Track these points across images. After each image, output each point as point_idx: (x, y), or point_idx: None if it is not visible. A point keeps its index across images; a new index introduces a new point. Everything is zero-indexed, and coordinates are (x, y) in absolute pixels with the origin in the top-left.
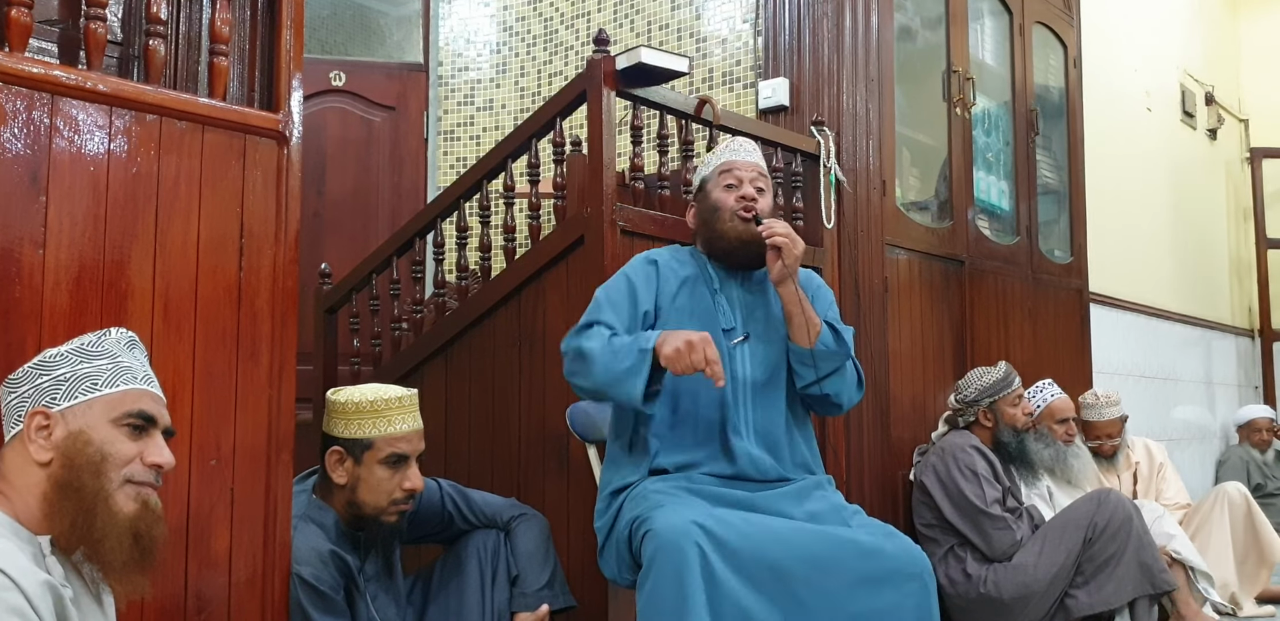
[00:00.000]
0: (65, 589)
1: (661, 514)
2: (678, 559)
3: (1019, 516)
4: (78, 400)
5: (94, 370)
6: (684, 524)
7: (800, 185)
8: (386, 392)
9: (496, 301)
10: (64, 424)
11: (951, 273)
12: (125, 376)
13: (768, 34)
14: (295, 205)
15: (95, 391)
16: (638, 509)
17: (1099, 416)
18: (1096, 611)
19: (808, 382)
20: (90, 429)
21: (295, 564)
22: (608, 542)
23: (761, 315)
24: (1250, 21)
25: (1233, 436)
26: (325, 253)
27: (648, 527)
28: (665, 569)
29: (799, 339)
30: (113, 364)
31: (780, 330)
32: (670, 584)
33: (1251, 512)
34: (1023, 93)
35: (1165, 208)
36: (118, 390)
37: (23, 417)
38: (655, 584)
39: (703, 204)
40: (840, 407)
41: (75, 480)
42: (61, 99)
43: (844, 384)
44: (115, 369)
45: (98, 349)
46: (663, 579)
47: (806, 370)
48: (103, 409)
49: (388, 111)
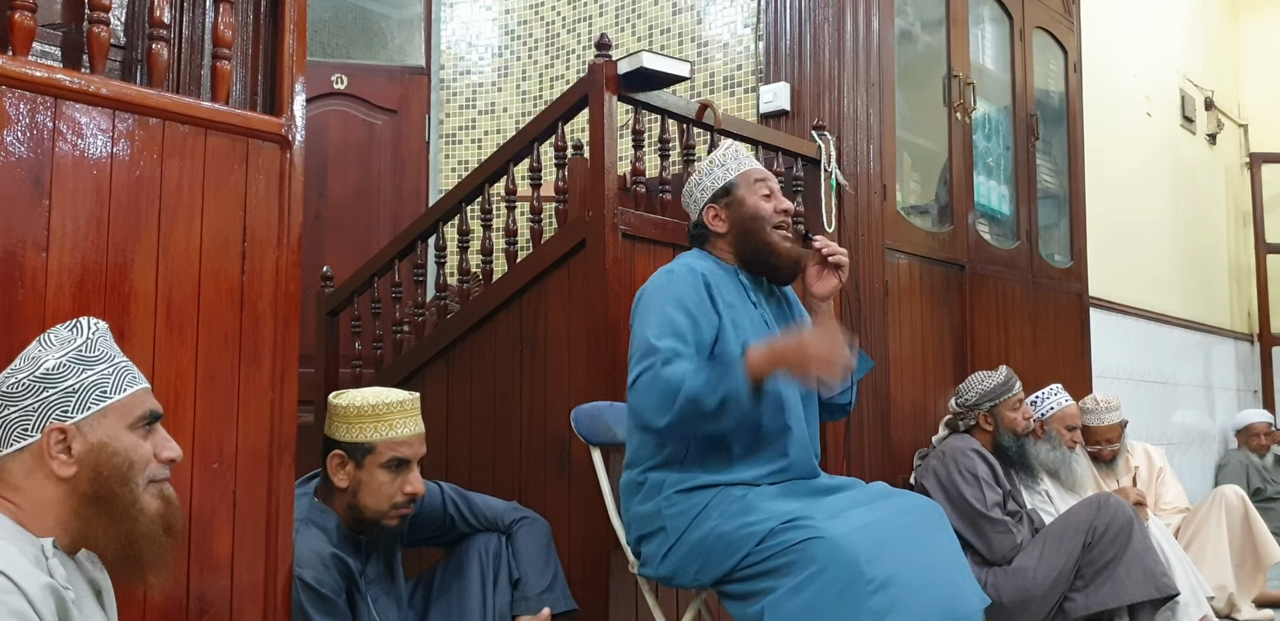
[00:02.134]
0: (68, 591)
1: (822, 523)
2: (852, 566)
3: (1019, 520)
4: (91, 411)
5: (99, 377)
6: (846, 532)
7: (801, 189)
8: (388, 396)
9: (498, 304)
10: (82, 437)
11: (952, 277)
12: (127, 377)
13: (769, 38)
14: (297, 208)
15: (106, 399)
16: (755, 514)
17: (1099, 421)
18: (1093, 612)
19: (834, 393)
20: (112, 439)
21: (297, 566)
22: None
23: (787, 326)
24: (1250, 26)
25: (1232, 441)
26: (327, 256)
27: (810, 535)
28: (838, 574)
29: None
30: (113, 367)
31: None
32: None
33: (1249, 516)
34: (1023, 97)
35: (1165, 212)
36: (126, 394)
37: (29, 431)
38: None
39: (736, 210)
40: (846, 412)
41: (107, 492)
42: (64, 102)
43: (854, 392)
44: (116, 372)
45: (93, 352)
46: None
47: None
48: (117, 416)
49: (389, 114)
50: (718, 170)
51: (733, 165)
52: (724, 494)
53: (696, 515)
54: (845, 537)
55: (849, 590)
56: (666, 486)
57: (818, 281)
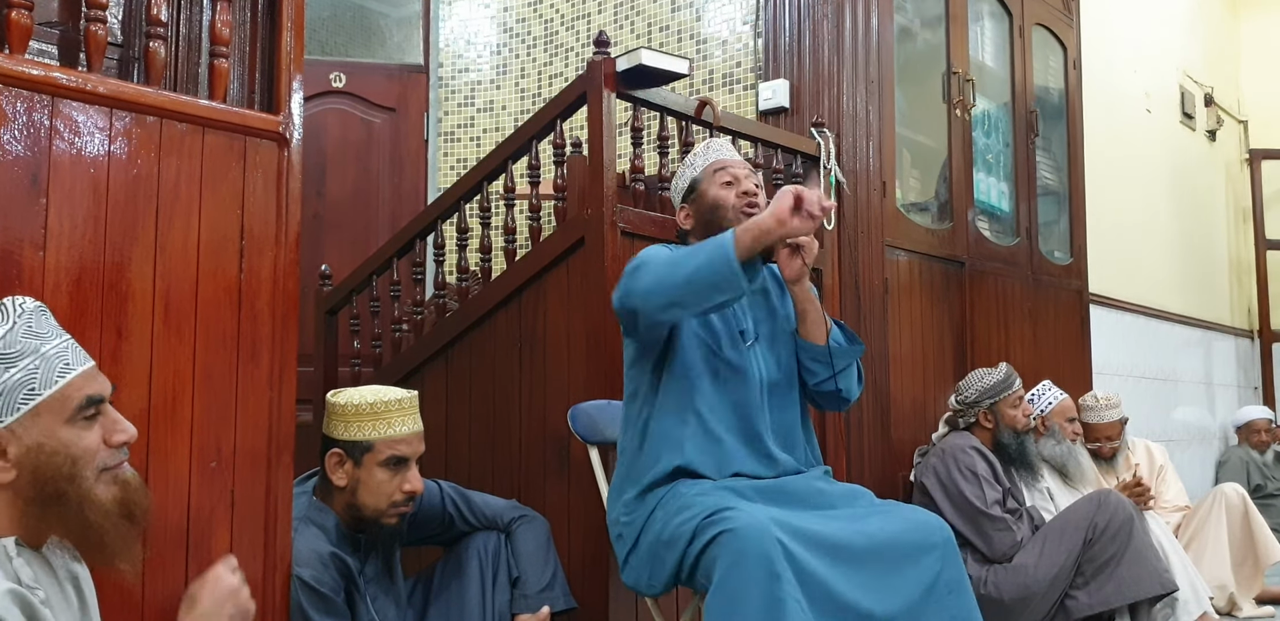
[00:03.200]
0: (36, 591)
1: (735, 514)
2: (766, 558)
3: (1019, 517)
4: (20, 412)
5: (24, 374)
6: (763, 521)
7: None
8: (386, 395)
9: (497, 303)
10: (16, 440)
11: (952, 274)
12: (59, 366)
13: (768, 36)
14: (296, 207)
15: (35, 397)
16: (689, 512)
17: (1099, 418)
18: (1096, 611)
19: (821, 379)
20: (47, 438)
21: (296, 566)
22: (636, 547)
23: (765, 315)
24: (1250, 23)
25: (1232, 437)
26: (326, 254)
27: (723, 528)
28: (751, 569)
29: (815, 336)
30: (39, 359)
31: (785, 329)
32: (759, 584)
33: (1249, 513)
34: (1022, 94)
35: (1165, 209)
36: (58, 387)
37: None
38: (738, 586)
39: (699, 204)
40: (847, 402)
41: (54, 491)
42: (61, 101)
43: (851, 379)
44: (45, 363)
45: (14, 347)
46: (747, 580)
47: (821, 367)
48: (51, 412)
49: (388, 113)
50: (685, 170)
51: (699, 162)
52: (671, 492)
53: (646, 519)
54: (754, 528)
55: (758, 583)
56: (626, 489)
57: (787, 265)
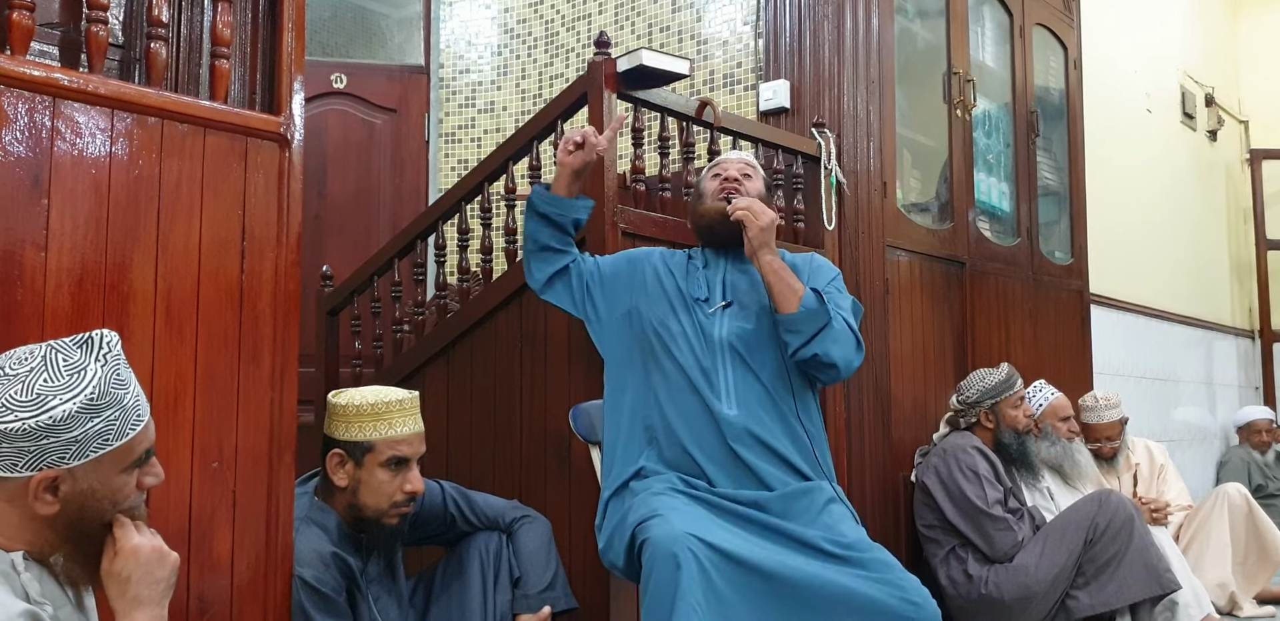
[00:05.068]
0: (45, 606)
1: (659, 523)
2: (673, 571)
3: (1020, 517)
4: (89, 458)
5: (105, 425)
6: (680, 535)
7: (801, 187)
8: (387, 395)
9: (498, 303)
10: (73, 481)
11: (952, 274)
12: (133, 418)
13: (768, 36)
14: (297, 207)
15: (107, 447)
16: (639, 512)
17: (1099, 418)
18: (1098, 612)
19: (795, 348)
20: (102, 484)
21: (297, 566)
22: (615, 535)
23: (746, 287)
24: (1250, 23)
25: (1233, 437)
26: (327, 255)
27: (645, 536)
28: (663, 580)
29: (781, 307)
30: (120, 410)
31: (767, 304)
32: (666, 596)
33: (1253, 513)
34: (1023, 94)
35: (1165, 209)
36: (127, 439)
37: (18, 468)
38: (653, 594)
39: (693, 197)
40: (837, 368)
41: (85, 528)
42: (63, 102)
43: (832, 343)
44: (123, 415)
45: (105, 397)
46: (660, 590)
47: (792, 336)
48: (113, 461)
49: (389, 114)
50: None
51: (704, 172)
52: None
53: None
54: (669, 537)
55: (667, 590)
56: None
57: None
